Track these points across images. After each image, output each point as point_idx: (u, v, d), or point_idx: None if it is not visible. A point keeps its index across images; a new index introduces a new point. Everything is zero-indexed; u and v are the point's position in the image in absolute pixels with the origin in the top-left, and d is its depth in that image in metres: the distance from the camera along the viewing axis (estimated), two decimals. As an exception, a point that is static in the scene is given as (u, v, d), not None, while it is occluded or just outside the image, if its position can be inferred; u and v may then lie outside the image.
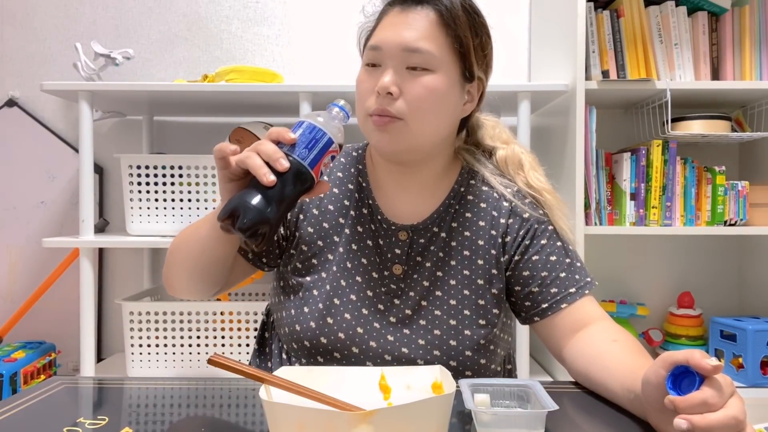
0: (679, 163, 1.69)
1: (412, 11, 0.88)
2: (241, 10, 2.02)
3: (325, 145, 0.75)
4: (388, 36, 0.87)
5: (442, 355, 0.89)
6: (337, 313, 0.91)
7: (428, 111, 0.87)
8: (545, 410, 0.62)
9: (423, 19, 0.87)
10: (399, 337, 0.90)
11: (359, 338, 0.90)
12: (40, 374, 1.78)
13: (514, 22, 2.04)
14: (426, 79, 0.86)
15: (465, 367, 0.90)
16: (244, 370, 0.65)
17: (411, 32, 0.86)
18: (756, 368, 1.63)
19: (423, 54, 0.85)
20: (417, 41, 0.85)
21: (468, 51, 0.90)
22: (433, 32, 0.86)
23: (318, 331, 0.90)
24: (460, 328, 0.90)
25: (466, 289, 0.92)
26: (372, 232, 0.94)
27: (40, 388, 0.81)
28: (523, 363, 1.61)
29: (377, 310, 0.91)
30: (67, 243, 1.62)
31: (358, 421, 0.54)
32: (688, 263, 2.00)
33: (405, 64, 0.86)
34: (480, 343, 0.90)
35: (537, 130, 1.90)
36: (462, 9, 0.89)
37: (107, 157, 2.02)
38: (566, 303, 0.89)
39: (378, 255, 0.93)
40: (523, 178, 0.98)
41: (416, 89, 0.85)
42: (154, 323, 1.62)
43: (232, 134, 1.74)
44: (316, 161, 0.74)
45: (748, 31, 1.71)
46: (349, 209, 0.95)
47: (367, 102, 0.88)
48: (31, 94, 2.03)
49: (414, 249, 0.93)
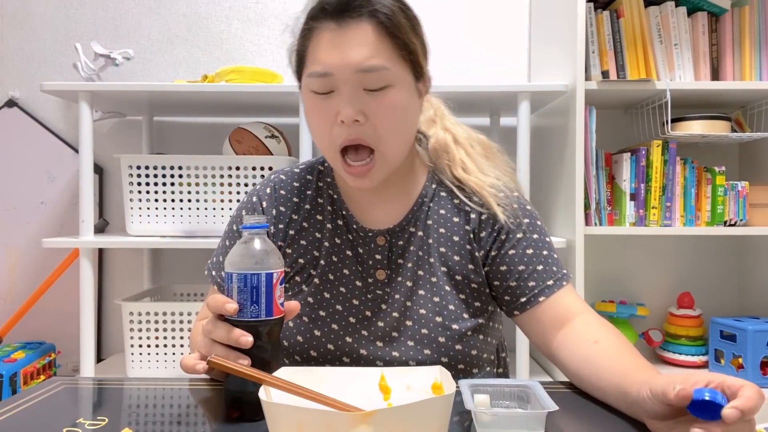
0: (679, 164, 1.69)
1: (351, 26, 0.80)
2: (241, 10, 2.02)
3: (268, 282, 0.70)
4: (333, 58, 0.80)
5: (432, 353, 0.89)
6: (324, 325, 0.91)
7: (398, 131, 0.84)
8: (545, 411, 0.62)
9: (366, 32, 0.80)
10: (388, 341, 0.90)
11: (349, 347, 0.90)
12: (39, 374, 1.78)
13: (514, 22, 2.03)
14: (388, 97, 0.82)
15: (457, 360, 0.90)
16: (244, 371, 0.65)
17: (359, 50, 0.80)
18: (756, 368, 1.63)
19: (379, 71, 0.80)
20: (369, 59, 0.80)
21: (416, 54, 0.85)
22: (380, 45, 0.81)
23: (306, 345, 0.91)
24: (447, 323, 0.90)
25: (447, 285, 0.91)
26: (350, 242, 0.94)
27: (39, 389, 0.81)
28: (523, 363, 1.61)
29: (364, 317, 0.91)
30: (67, 243, 1.62)
31: (357, 421, 0.54)
32: (688, 263, 2.00)
33: (361, 86, 0.81)
34: (468, 335, 0.90)
35: (537, 131, 1.90)
36: (400, 12, 0.83)
37: (107, 157, 2.02)
38: (544, 296, 0.88)
39: (359, 264, 0.93)
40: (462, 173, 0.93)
41: (381, 110, 0.82)
42: (154, 323, 1.62)
43: (232, 134, 1.74)
44: (270, 303, 0.70)
45: (747, 31, 1.71)
46: (325, 223, 0.95)
47: (332, 134, 0.83)
48: (30, 95, 2.03)
49: (394, 252, 0.92)
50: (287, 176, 0.99)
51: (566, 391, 0.83)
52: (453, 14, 2.04)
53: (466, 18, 2.04)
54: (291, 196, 0.96)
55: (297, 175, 0.99)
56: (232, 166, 1.65)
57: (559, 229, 1.73)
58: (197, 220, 1.66)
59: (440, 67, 2.01)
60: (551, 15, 1.82)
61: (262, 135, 1.72)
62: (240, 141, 1.72)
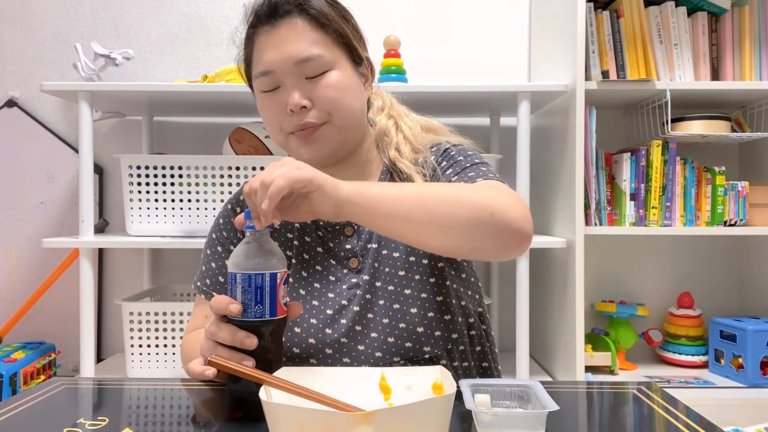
0: (678, 164, 1.69)
1: (283, 25, 0.88)
2: (241, 10, 2.02)
3: (272, 282, 0.70)
4: (273, 56, 0.88)
5: (407, 326, 0.89)
6: (302, 321, 0.92)
7: (343, 104, 0.89)
8: (545, 410, 0.62)
9: (297, 27, 0.88)
10: (365, 324, 0.91)
11: (330, 339, 0.91)
12: (39, 375, 1.78)
13: (514, 22, 2.04)
14: (328, 79, 0.87)
15: (432, 327, 0.90)
16: (244, 371, 0.65)
17: (295, 44, 0.87)
18: (756, 368, 1.63)
19: (315, 59, 0.87)
20: (305, 50, 0.87)
21: (349, 39, 0.91)
22: (313, 36, 0.88)
23: (288, 343, 0.91)
24: (413, 293, 0.90)
25: (409, 255, 0.92)
26: (319, 238, 0.95)
27: (40, 389, 0.81)
28: (523, 363, 1.61)
29: (341, 307, 0.92)
30: (67, 243, 1.62)
31: (358, 421, 0.54)
32: (688, 263, 2.00)
33: (303, 76, 0.87)
34: (428, 316, 0.90)
35: (537, 131, 1.90)
36: (326, 4, 0.90)
37: (107, 157, 2.02)
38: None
39: (332, 257, 0.94)
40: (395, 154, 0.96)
41: (324, 92, 0.87)
42: (154, 323, 1.62)
43: (232, 134, 1.74)
44: (274, 303, 0.70)
45: (747, 31, 1.71)
46: (294, 223, 0.96)
47: (283, 124, 0.89)
48: (31, 95, 2.02)
49: (362, 238, 0.94)
50: None
51: (566, 391, 0.83)
52: (453, 14, 2.04)
53: (466, 18, 2.04)
54: None
55: None
56: (232, 166, 1.65)
57: (559, 229, 1.73)
58: (197, 220, 1.66)
59: (440, 67, 2.02)
60: (551, 15, 1.82)
61: (262, 135, 1.72)
62: (240, 141, 1.72)
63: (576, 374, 1.57)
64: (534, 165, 1.73)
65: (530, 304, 1.61)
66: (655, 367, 1.82)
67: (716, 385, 1.64)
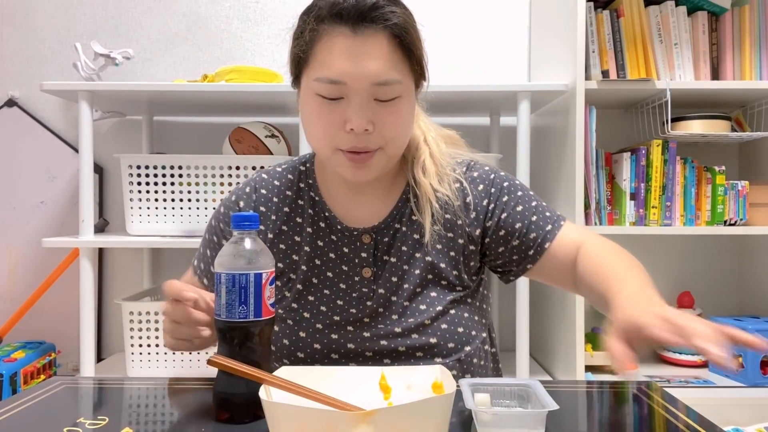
0: (678, 163, 1.69)
1: (368, 36, 0.80)
2: (241, 10, 2.02)
3: (257, 283, 0.69)
4: (349, 68, 0.80)
5: (420, 336, 0.90)
6: (308, 326, 0.91)
7: (402, 137, 0.87)
8: (545, 410, 0.62)
9: (382, 45, 0.80)
10: (375, 331, 0.90)
11: (336, 344, 0.90)
12: (40, 374, 1.78)
13: (514, 22, 2.03)
14: (396, 108, 0.83)
15: (445, 339, 0.90)
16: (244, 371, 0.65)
17: (376, 63, 0.80)
18: (756, 368, 1.63)
19: (392, 85, 0.82)
20: (386, 73, 0.81)
21: (421, 63, 0.87)
22: (395, 58, 0.82)
23: (293, 347, 0.91)
24: (429, 309, 0.90)
25: (430, 273, 0.92)
26: (334, 243, 0.93)
27: (40, 389, 0.81)
28: (523, 363, 1.61)
29: (349, 314, 0.91)
30: (67, 243, 1.62)
31: (358, 421, 0.54)
32: (688, 263, 2.00)
33: (372, 97, 0.82)
34: (449, 313, 0.91)
35: (537, 130, 1.90)
36: (410, 24, 0.84)
37: (107, 157, 2.02)
38: (549, 241, 0.92)
39: (344, 263, 0.93)
40: (420, 174, 0.94)
41: (390, 120, 0.83)
42: (154, 323, 1.62)
43: (232, 134, 1.74)
44: (259, 304, 0.69)
45: (747, 30, 1.71)
46: (304, 226, 0.95)
47: (336, 139, 0.83)
48: (31, 94, 2.02)
49: (380, 249, 0.93)
50: (269, 175, 0.99)
51: (566, 391, 0.83)
52: (453, 14, 2.04)
53: (466, 17, 2.04)
54: (271, 196, 0.96)
55: (279, 174, 0.99)
56: (232, 166, 1.65)
57: (559, 229, 1.73)
58: (197, 220, 1.66)
59: (441, 67, 2.02)
60: (551, 14, 1.82)
61: (262, 134, 1.72)
62: (240, 141, 1.72)
63: (576, 374, 1.57)
64: (534, 164, 1.73)
65: (530, 303, 1.61)
66: (655, 367, 1.82)
67: (716, 385, 1.64)
